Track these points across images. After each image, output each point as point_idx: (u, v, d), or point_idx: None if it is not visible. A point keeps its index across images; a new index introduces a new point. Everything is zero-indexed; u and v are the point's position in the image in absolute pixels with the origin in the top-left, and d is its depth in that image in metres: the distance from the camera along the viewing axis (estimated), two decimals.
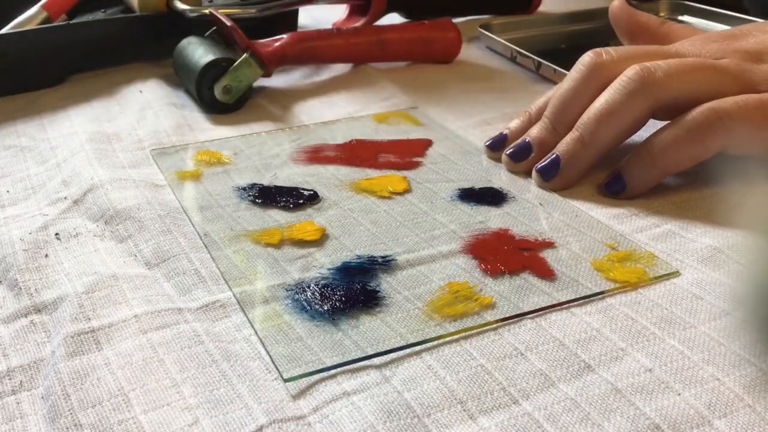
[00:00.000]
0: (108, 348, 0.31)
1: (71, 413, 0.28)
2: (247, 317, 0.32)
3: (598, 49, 0.43)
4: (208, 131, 0.50)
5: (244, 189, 0.42)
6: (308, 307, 0.33)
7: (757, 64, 0.42)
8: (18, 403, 0.29)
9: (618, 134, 0.41)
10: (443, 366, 0.29)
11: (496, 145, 0.45)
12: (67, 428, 0.27)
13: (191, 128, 0.50)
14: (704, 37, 0.45)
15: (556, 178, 0.42)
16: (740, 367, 0.29)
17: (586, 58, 0.43)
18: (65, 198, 0.42)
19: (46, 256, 0.37)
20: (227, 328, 0.32)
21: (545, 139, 0.43)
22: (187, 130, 0.50)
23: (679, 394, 0.28)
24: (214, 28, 0.57)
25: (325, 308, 0.32)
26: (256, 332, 0.31)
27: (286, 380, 0.29)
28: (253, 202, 0.41)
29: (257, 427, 0.27)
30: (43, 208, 0.41)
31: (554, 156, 0.42)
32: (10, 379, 0.30)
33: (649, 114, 0.41)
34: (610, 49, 0.43)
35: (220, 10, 0.57)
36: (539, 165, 0.42)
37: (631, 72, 0.40)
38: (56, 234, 0.39)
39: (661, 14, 0.71)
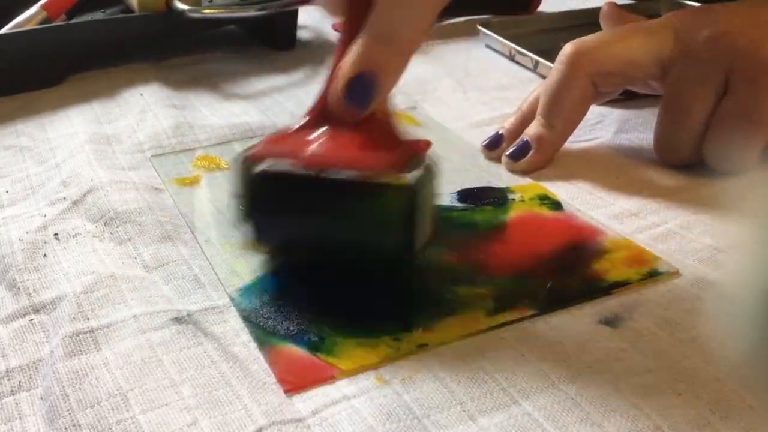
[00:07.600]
0: (107, 348, 0.31)
1: (70, 413, 0.28)
2: (245, 324, 0.32)
3: (575, 40, 0.44)
4: (208, 131, 0.50)
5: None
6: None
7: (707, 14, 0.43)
8: (17, 403, 0.29)
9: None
10: (442, 367, 0.29)
11: (492, 145, 0.46)
12: (65, 428, 0.27)
13: (191, 127, 0.50)
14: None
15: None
16: (741, 367, 0.28)
17: (566, 50, 0.44)
18: (64, 198, 0.42)
19: (45, 256, 0.37)
20: (226, 331, 0.32)
21: (543, 135, 0.44)
22: (187, 129, 0.50)
23: (680, 395, 0.27)
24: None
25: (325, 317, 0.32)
26: (254, 339, 0.31)
27: (286, 391, 0.29)
28: None
29: (256, 429, 0.27)
30: (42, 209, 0.41)
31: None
32: (8, 379, 0.30)
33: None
34: (588, 37, 0.44)
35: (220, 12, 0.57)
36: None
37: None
38: (55, 234, 0.39)
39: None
